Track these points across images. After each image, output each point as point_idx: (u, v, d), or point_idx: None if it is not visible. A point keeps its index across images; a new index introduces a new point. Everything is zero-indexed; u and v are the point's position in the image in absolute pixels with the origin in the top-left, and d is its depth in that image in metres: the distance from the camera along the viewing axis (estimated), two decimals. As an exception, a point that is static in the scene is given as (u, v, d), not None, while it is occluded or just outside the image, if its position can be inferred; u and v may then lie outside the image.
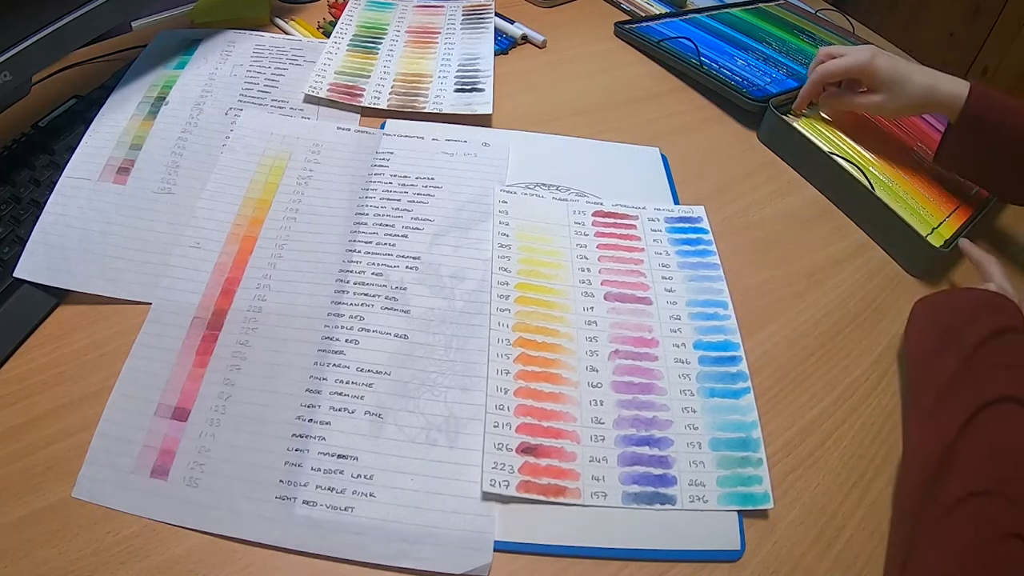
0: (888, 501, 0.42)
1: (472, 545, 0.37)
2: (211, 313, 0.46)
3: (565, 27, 0.81)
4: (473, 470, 0.40)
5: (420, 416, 0.42)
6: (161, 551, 0.35)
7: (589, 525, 0.38)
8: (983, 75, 1.48)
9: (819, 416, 0.46)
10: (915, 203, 0.60)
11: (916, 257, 0.57)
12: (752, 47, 0.80)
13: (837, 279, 0.56)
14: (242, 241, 0.50)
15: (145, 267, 0.47)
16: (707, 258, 0.54)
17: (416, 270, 0.49)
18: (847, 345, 0.51)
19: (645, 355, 0.46)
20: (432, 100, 0.64)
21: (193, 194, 0.52)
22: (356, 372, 0.43)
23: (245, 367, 0.43)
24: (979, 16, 1.46)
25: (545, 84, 0.72)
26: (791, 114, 0.68)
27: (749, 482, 0.41)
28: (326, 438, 0.40)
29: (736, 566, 0.38)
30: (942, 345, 0.45)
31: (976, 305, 0.47)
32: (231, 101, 0.61)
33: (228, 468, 0.39)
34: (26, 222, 0.48)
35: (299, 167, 0.56)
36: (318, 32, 0.74)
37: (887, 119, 0.66)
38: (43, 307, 0.45)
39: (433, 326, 0.46)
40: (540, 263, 0.51)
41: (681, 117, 0.70)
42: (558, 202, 0.56)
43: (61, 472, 0.38)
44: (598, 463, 0.41)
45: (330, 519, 0.37)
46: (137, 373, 0.42)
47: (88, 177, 0.52)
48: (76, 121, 0.56)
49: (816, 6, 0.97)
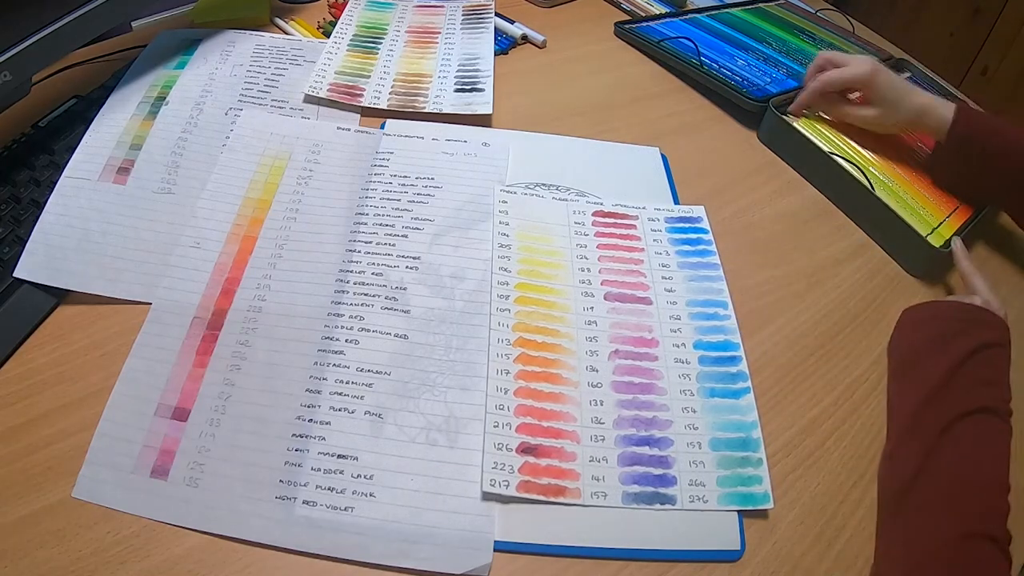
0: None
1: (472, 545, 0.37)
2: (211, 313, 0.46)
3: (565, 27, 0.81)
4: (473, 470, 0.40)
5: (420, 416, 0.42)
6: (161, 551, 0.35)
7: (589, 525, 0.38)
8: (983, 75, 1.48)
9: (819, 416, 0.46)
10: (915, 203, 0.60)
11: (916, 257, 0.57)
12: (752, 47, 0.80)
13: (837, 279, 0.56)
14: (242, 241, 0.50)
15: (145, 267, 0.47)
16: (707, 258, 0.54)
17: (416, 270, 0.49)
18: (847, 345, 0.51)
19: (645, 355, 0.46)
20: (432, 100, 0.64)
21: (193, 194, 0.52)
22: (356, 372, 0.43)
23: (245, 367, 0.43)
24: (979, 16, 1.46)
25: (545, 84, 0.72)
26: (790, 114, 0.68)
27: (749, 482, 0.41)
28: (326, 438, 0.40)
29: (736, 566, 0.38)
30: (926, 355, 0.47)
31: (962, 318, 0.48)
32: (231, 101, 0.61)
33: (228, 468, 0.39)
34: (26, 222, 0.48)
35: (299, 167, 0.56)
36: (318, 32, 0.74)
37: (875, 131, 0.66)
38: (43, 307, 0.45)
39: (433, 326, 0.46)
40: (540, 263, 0.51)
41: (681, 117, 0.70)
42: (558, 202, 0.56)
43: (61, 472, 0.38)
44: (598, 463, 0.41)
45: (330, 519, 0.37)
46: (137, 373, 0.42)
47: (88, 177, 0.52)
48: (76, 121, 0.56)
49: (816, 6, 0.97)
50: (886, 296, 0.55)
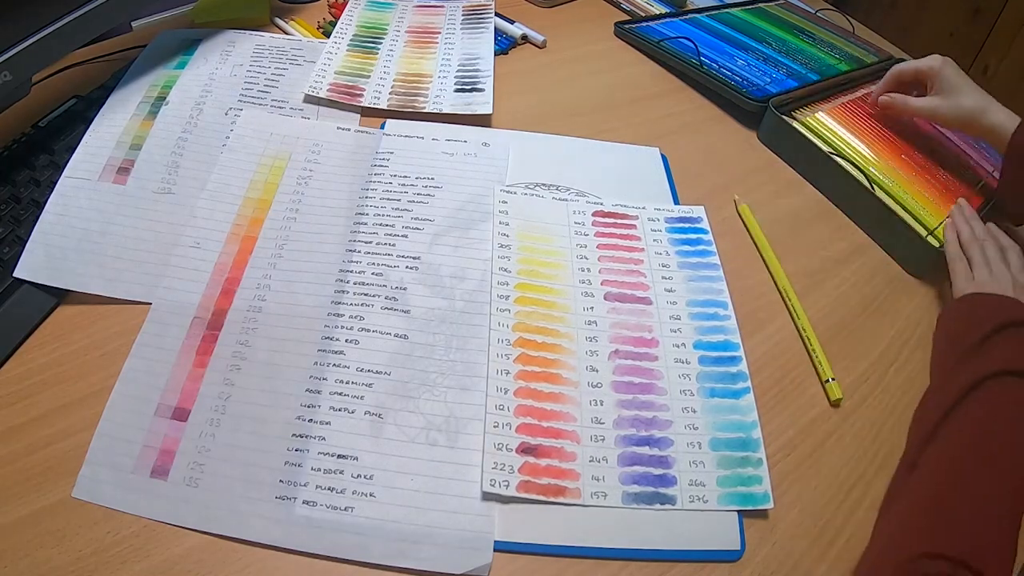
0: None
1: (472, 545, 0.37)
2: (211, 313, 0.46)
3: (565, 27, 0.81)
4: (473, 470, 0.40)
5: (420, 416, 0.42)
6: (161, 551, 0.35)
7: (589, 525, 0.38)
8: (983, 75, 1.48)
9: (819, 416, 0.46)
10: (915, 203, 0.60)
11: (916, 257, 0.57)
12: (752, 47, 0.80)
13: (837, 279, 0.56)
14: (242, 241, 0.50)
15: (145, 267, 0.47)
16: (707, 258, 0.54)
17: (416, 270, 0.49)
18: (847, 345, 0.51)
19: (645, 355, 0.46)
20: (432, 100, 0.64)
21: (193, 194, 0.52)
22: (356, 372, 0.43)
23: (245, 367, 0.43)
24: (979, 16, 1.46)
25: (545, 84, 0.72)
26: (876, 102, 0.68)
27: (749, 482, 0.41)
28: (326, 438, 0.40)
29: (736, 566, 0.38)
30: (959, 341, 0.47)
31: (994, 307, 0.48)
32: (231, 101, 0.61)
33: (228, 468, 0.39)
34: (26, 222, 0.48)
35: (299, 167, 0.56)
36: (318, 32, 0.74)
37: (938, 124, 0.67)
38: (43, 307, 0.45)
39: (433, 326, 0.46)
40: (540, 263, 0.51)
41: (681, 117, 0.70)
42: (558, 202, 0.56)
43: (61, 472, 0.38)
44: (598, 463, 0.41)
45: (330, 519, 0.37)
46: (137, 373, 0.42)
47: (88, 177, 0.52)
48: (76, 121, 0.56)
49: (816, 6, 0.97)
50: (886, 296, 0.55)
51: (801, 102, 0.70)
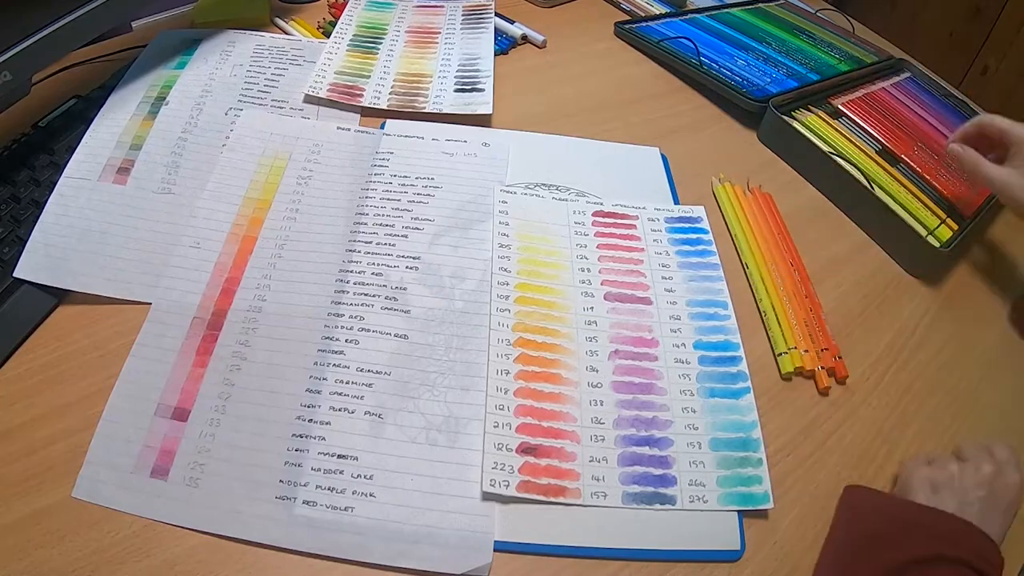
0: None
1: (472, 545, 0.37)
2: (211, 313, 0.46)
3: (565, 27, 0.81)
4: (473, 470, 0.40)
5: (420, 416, 0.42)
6: (161, 551, 0.35)
7: (589, 525, 0.38)
8: (983, 75, 1.48)
9: (819, 416, 0.46)
10: (915, 203, 0.60)
11: (916, 257, 0.57)
12: (752, 47, 0.80)
13: (837, 279, 0.56)
14: (242, 241, 0.50)
15: (145, 267, 0.47)
16: (707, 258, 0.54)
17: (416, 270, 0.49)
18: (847, 345, 0.51)
19: (645, 355, 0.46)
20: (432, 100, 0.64)
21: (193, 194, 0.52)
22: (356, 372, 0.43)
23: (245, 367, 0.43)
24: (979, 16, 1.46)
25: (545, 84, 0.72)
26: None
27: (749, 482, 0.41)
28: (326, 438, 0.40)
29: (736, 566, 0.38)
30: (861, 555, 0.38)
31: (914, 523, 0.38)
32: (231, 101, 0.61)
33: (228, 468, 0.39)
34: (26, 222, 0.48)
35: (299, 167, 0.56)
36: (318, 32, 0.74)
37: (1000, 199, 0.56)
38: (43, 307, 0.45)
39: (433, 326, 0.46)
40: (540, 263, 0.51)
41: (681, 117, 0.70)
42: (558, 202, 0.56)
43: (61, 472, 0.38)
44: (598, 463, 0.41)
45: (330, 519, 0.37)
46: (137, 373, 0.42)
47: (88, 177, 0.52)
48: (76, 121, 0.56)
49: (816, 6, 0.97)
50: (886, 296, 0.55)
51: (801, 102, 0.70)
